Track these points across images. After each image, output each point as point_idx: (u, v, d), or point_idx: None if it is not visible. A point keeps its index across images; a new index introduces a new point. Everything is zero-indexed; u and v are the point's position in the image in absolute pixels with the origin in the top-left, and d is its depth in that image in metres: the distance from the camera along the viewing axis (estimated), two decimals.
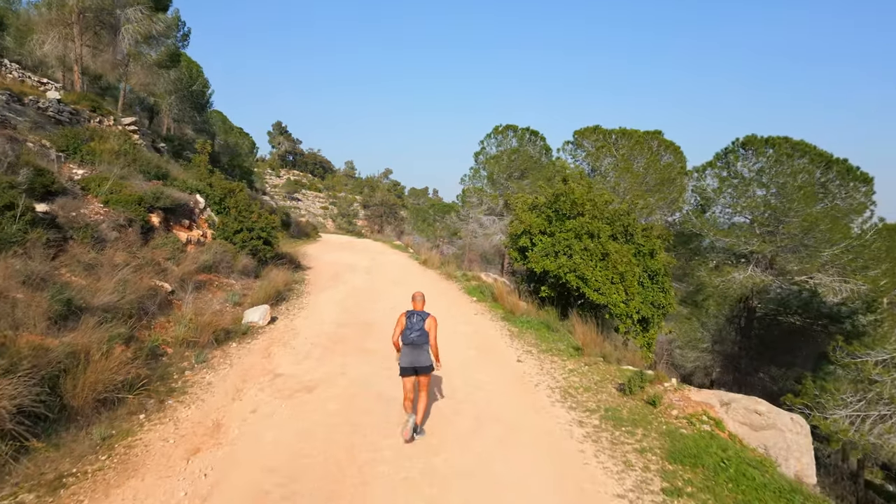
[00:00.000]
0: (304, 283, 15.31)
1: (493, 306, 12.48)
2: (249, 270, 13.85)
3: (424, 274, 18.01)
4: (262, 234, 14.59)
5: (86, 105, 18.57)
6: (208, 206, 14.58)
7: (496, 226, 26.88)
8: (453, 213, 41.79)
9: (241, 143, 52.71)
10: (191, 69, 31.63)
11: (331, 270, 17.71)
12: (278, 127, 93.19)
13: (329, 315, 11.90)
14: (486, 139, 27.43)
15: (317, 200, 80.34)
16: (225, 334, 9.61)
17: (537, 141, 27.02)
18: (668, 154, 21.90)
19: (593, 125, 22.59)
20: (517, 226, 12.54)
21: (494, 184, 27.03)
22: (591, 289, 11.32)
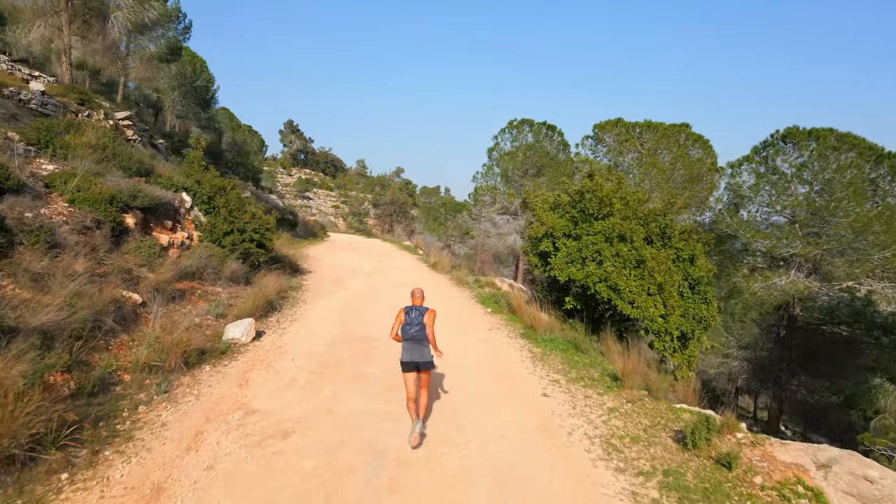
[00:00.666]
0: (301, 290, 13.83)
1: (510, 319, 10.90)
2: (239, 277, 12.39)
3: (433, 279, 16.47)
4: (255, 236, 13.13)
5: (73, 98, 17.22)
6: (196, 206, 13.14)
7: (510, 226, 25.27)
8: (465, 212, 40.26)
9: (250, 141, 51.51)
10: (194, 64, 30.32)
11: (332, 274, 16.22)
12: (290, 125, 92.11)
13: (324, 328, 10.40)
14: (499, 134, 25.82)
15: (328, 199, 79.23)
16: (198, 355, 8.14)
17: (554, 136, 25.36)
18: (697, 148, 20.17)
19: (615, 118, 20.95)
20: (538, 228, 10.93)
21: (509, 181, 25.41)
22: (625, 301, 9.70)
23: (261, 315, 10.76)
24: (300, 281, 14.85)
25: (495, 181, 25.89)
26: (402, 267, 18.64)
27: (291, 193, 74.60)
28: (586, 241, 10.13)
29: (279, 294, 12.41)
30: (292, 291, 13.46)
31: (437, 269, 17.91)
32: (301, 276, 15.53)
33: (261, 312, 10.82)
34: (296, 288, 13.91)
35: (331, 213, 71.33)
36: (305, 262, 18.49)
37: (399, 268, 18.30)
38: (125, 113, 20.27)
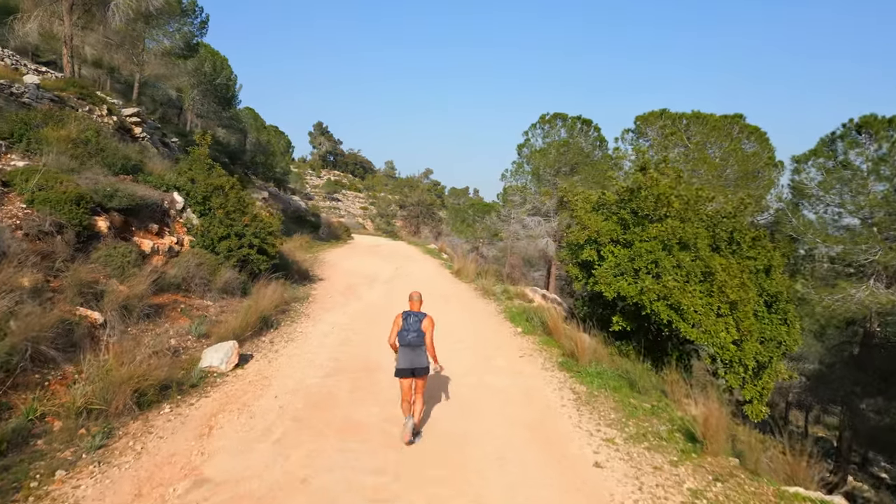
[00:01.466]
0: (306, 301, 12.19)
1: (545, 342, 9.00)
2: (234, 287, 10.79)
3: (456, 288, 14.66)
4: (255, 241, 11.53)
5: (73, 92, 15.93)
6: (189, 207, 11.60)
7: (542, 228, 23.28)
8: (493, 213, 38.36)
9: (276, 141, 50.48)
10: (214, 61, 29.13)
11: (346, 282, 14.55)
12: (319, 127, 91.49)
13: (323, 352, 8.70)
14: (530, 130, 23.87)
15: (356, 201, 78.25)
16: (158, 391, 6.49)
17: (590, 131, 23.28)
18: (752, 142, 17.88)
19: (659, 109, 18.80)
20: (578, 233, 8.95)
21: (540, 180, 23.43)
22: (689, 324, 7.72)
23: (252, 334, 9.12)
24: (308, 291, 13.20)
25: (525, 180, 23.94)
26: (422, 274, 16.87)
27: (320, 195, 73.83)
28: (639, 249, 8.17)
29: (278, 308, 10.77)
30: (296, 303, 11.82)
31: (460, 276, 16.08)
32: (310, 285, 13.89)
33: (252, 331, 9.18)
34: (301, 299, 12.27)
35: (359, 215, 70.25)
36: (319, 267, 16.89)
37: (419, 275, 16.53)
38: (132, 109, 18.98)
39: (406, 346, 5.59)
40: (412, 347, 5.58)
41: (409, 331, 5.59)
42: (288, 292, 12.51)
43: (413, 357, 5.57)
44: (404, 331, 5.62)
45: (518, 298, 12.62)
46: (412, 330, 5.59)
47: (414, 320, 5.65)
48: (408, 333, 5.59)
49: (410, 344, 5.57)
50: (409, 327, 5.61)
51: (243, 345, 8.71)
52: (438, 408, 6.81)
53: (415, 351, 5.59)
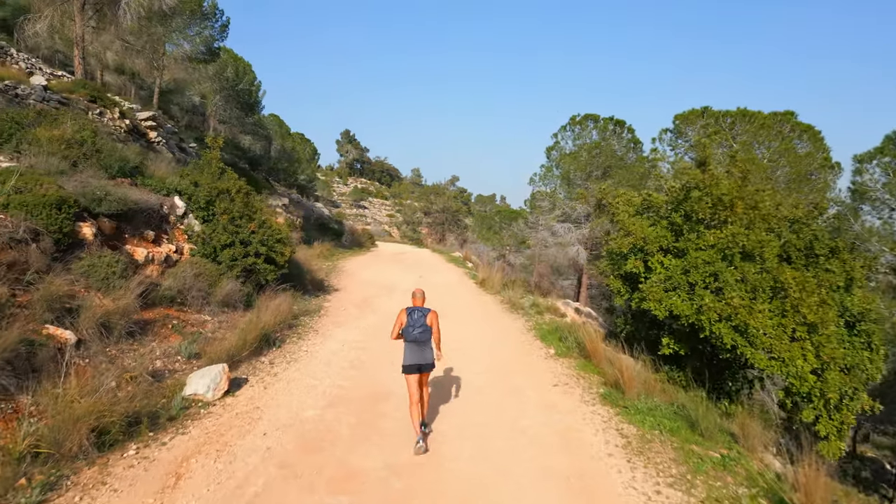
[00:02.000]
0: (317, 315, 11.14)
1: (582, 367, 7.70)
2: (236, 300, 9.79)
3: (480, 300, 13.44)
4: (262, 249, 10.52)
5: (83, 94, 15.30)
6: (191, 212, 10.67)
7: (572, 235, 21.91)
8: (521, 219, 37.08)
9: (301, 149, 50.04)
10: (237, 66, 28.59)
11: (362, 293, 13.47)
12: (346, 135, 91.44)
13: (328, 375, 7.60)
14: (560, 132, 22.58)
15: (383, 208, 77.76)
16: (127, 426, 5.47)
17: (623, 133, 21.88)
18: (806, 142, 16.29)
19: (700, 107, 17.34)
20: (621, 240, 7.60)
21: (570, 185, 22.10)
22: (758, 349, 6.37)
23: (250, 354, 8.07)
24: (320, 303, 12.16)
25: (555, 185, 22.64)
26: (445, 284, 15.69)
27: (347, 203, 73.59)
28: (694, 259, 6.86)
29: (283, 323, 9.73)
30: (306, 317, 10.77)
31: (485, 287, 14.84)
32: (323, 297, 12.84)
33: (250, 350, 8.12)
34: (312, 312, 11.22)
35: (385, 223, 69.63)
36: (336, 277, 15.88)
37: (442, 286, 15.37)
38: (148, 113, 18.35)
39: (412, 342, 5.54)
40: (419, 343, 5.53)
41: (415, 326, 5.52)
42: (298, 305, 11.48)
43: (420, 353, 5.53)
44: (410, 326, 5.54)
45: (549, 313, 11.34)
46: (418, 325, 5.53)
47: (419, 315, 5.60)
48: (413, 329, 5.52)
49: (417, 340, 5.52)
50: (415, 322, 5.55)
51: (238, 367, 7.68)
52: (453, 447, 5.62)
53: (421, 347, 5.54)
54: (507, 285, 14.34)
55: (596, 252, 22.10)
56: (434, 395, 7.00)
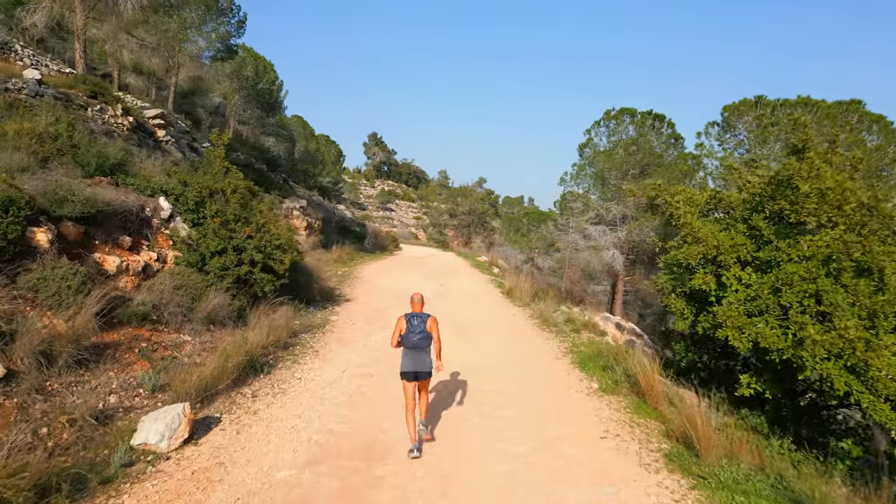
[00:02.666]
0: (321, 330, 9.70)
1: (636, 410, 5.96)
2: (225, 316, 8.40)
3: (507, 313, 11.80)
4: (258, 257, 9.12)
5: (83, 89, 14.23)
6: (178, 215, 9.34)
7: (607, 238, 20.08)
8: (550, 222, 35.27)
9: (326, 150, 49.08)
10: (257, 65, 27.52)
11: (375, 304, 12.00)
12: (374, 138, 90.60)
13: (317, 415, 6.13)
14: (593, 128, 20.80)
15: (409, 211, 76.71)
16: (38, 497, 4.09)
17: (663, 128, 19.98)
18: (875, 134, 14.28)
19: (753, 97, 15.42)
20: (689, 249, 5.82)
21: (605, 185, 20.30)
22: (880, 396, 4.65)
23: (230, 384, 6.64)
24: (326, 316, 10.72)
25: (588, 185, 20.86)
26: (468, 293, 14.09)
27: (374, 205, 72.73)
28: (788, 275, 5.15)
29: (276, 343, 8.30)
30: (307, 334, 9.34)
31: (513, 297, 13.18)
32: (332, 308, 11.41)
33: (231, 380, 6.70)
34: (315, 327, 9.79)
35: (412, 225, 68.52)
36: (350, 285, 14.45)
37: (464, 295, 13.77)
38: (156, 111, 17.24)
39: (412, 348, 5.42)
40: (418, 350, 5.40)
41: (414, 332, 5.40)
42: (300, 319, 10.07)
43: (418, 360, 5.40)
44: (409, 333, 5.42)
45: (586, 330, 9.67)
46: (417, 332, 5.40)
47: (418, 322, 5.45)
48: (413, 335, 5.39)
49: (416, 346, 5.40)
50: (414, 329, 5.41)
51: (213, 401, 6.26)
52: None
53: (420, 354, 5.41)
54: (538, 296, 12.68)
55: (632, 257, 20.22)
56: (451, 445, 5.49)
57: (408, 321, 5.46)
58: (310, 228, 22.00)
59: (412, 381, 5.43)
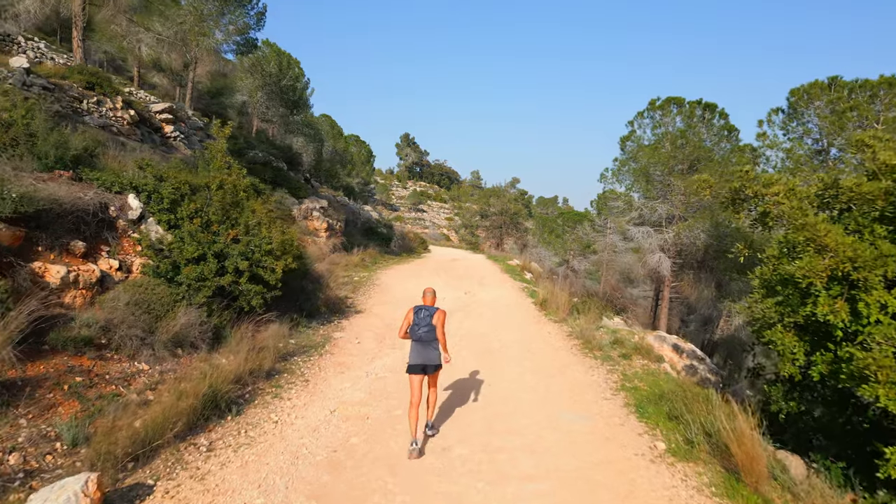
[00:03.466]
0: (320, 351, 8.10)
1: (727, 493, 4.04)
2: (198, 337, 6.87)
3: (539, 331, 9.91)
4: (243, 265, 7.57)
5: (77, 80, 13.10)
6: (150, 215, 7.87)
7: (652, 240, 18.00)
8: (586, 222, 33.17)
9: (357, 151, 47.94)
10: (280, 61, 26.31)
11: (388, 318, 10.35)
12: (406, 138, 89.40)
13: (283, 485, 4.49)
14: (636, 119, 18.75)
15: (441, 211, 75.27)
16: None
17: (714, 119, 17.79)
18: None
19: (827, 78, 13.18)
20: (810, 262, 3.90)
21: (649, 181, 18.23)
22: None
23: (179, 435, 5.06)
24: (329, 332, 9.12)
25: (629, 181, 18.80)
26: (496, 304, 12.28)
27: (406, 206, 71.56)
28: None
29: (257, 371, 6.71)
30: (301, 357, 7.75)
31: (547, 309, 11.31)
32: (337, 322, 9.81)
33: (184, 425, 5.13)
34: (313, 348, 8.19)
35: (443, 226, 67.05)
36: (365, 293, 12.86)
37: (491, 306, 11.98)
38: (164, 105, 16.04)
39: (417, 341, 5.29)
40: (423, 343, 5.28)
41: (420, 325, 5.29)
42: (296, 337, 8.52)
43: (425, 353, 5.27)
44: (415, 325, 5.31)
45: (638, 354, 7.77)
46: (423, 325, 5.28)
47: (425, 314, 5.34)
48: (419, 328, 5.28)
49: (422, 339, 5.27)
50: (420, 322, 5.30)
51: (153, 459, 4.70)
52: None
53: (426, 347, 5.28)
54: (577, 308, 10.80)
55: (680, 261, 18.08)
56: None
57: (415, 313, 5.37)
58: (330, 230, 20.57)
59: (419, 374, 5.27)
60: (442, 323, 5.35)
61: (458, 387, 6.95)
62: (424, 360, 5.24)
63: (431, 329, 5.27)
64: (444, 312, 5.45)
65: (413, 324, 5.33)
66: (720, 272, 17.40)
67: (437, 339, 5.31)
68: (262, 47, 25.91)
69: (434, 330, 5.27)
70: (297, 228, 19.13)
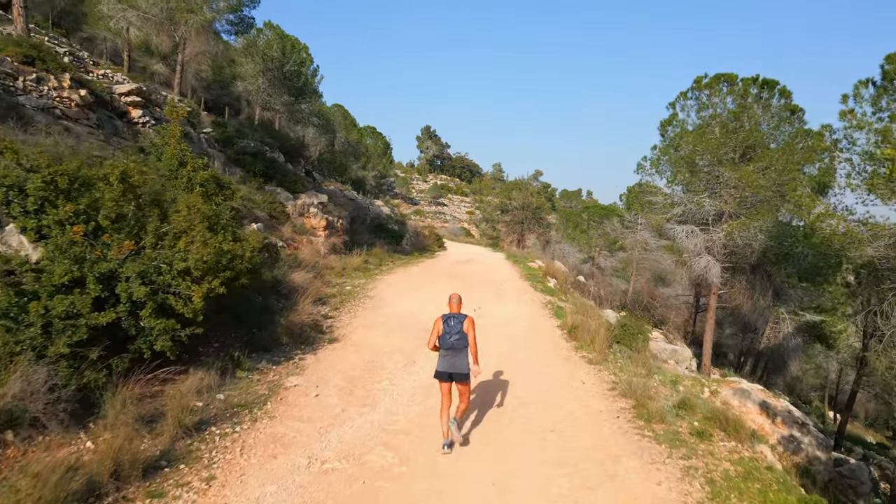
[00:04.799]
0: (255, 413, 5.57)
1: None
2: (45, 411, 4.39)
3: (569, 378, 6.99)
4: (140, 293, 5.09)
5: (14, 53, 10.82)
6: (12, 220, 5.43)
7: (697, 240, 15.06)
8: (615, 217, 30.21)
9: (374, 143, 45.50)
10: (283, 44, 23.86)
11: (374, 349, 7.80)
12: (427, 131, 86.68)
13: None
14: (679, 100, 15.77)
15: (462, 205, 72.68)
16: None
17: (773, 98, 14.75)
18: None
19: None
20: None
21: (694, 173, 15.28)
22: None
23: None
24: (281, 377, 6.56)
25: (669, 172, 15.85)
26: (511, 329, 9.50)
27: (426, 200, 69.16)
28: None
29: (133, 464, 4.20)
30: (221, 426, 5.24)
31: (579, 339, 8.42)
32: (298, 359, 7.26)
33: None
34: (244, 409, 5.65)
35: (464, 220, 64.53)
36: (354, 308, 10.34)
37: (506, 332, 9.23)
38: (131, 86, 13.66)
39: (449, 349, 5.15)
40: (455, 351, 5.15)
41: (451, 333, 5.16)
42: (228, 389, 5.99)
43: (454, 361, 5.14)
44: (446, 334, 5.17)
45: (721, 430, 5.01)
46: (454, 332, 5.16)
47: (455, 322, 5.21)
48: (450, 336, 5.15)
49: (454, 347, 5.14)
50: (451, 330, 5.18)
51: None
52: None
53: (456, 355, 5.15)
54: (617, 337, 8.04)
55: (730, 265, 15.15)
56: None
57: (445, 322, 5.21)
58: (330, 228, 18.11)
59: (447, 381, 5.18)
60: (473, 330, 5.24)
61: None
62: (451, 368, 5.11)
63: (463, 336, 5.14)
64: (473, 319, 5.33)
65: (444, 332, 5.17)
66: (782, 278, 14.43)
67: (467, 347, 5.17)
68: (265, 30, 23.56)
69: (466, 337, 5.16)
70: (292, 226, 16.73)
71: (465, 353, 5.16)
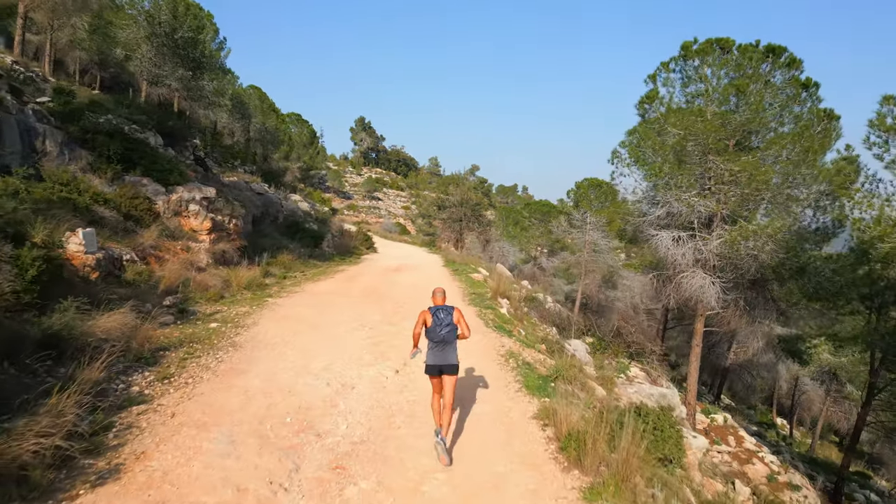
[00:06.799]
0: None
1: None
2: None
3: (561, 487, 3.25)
4: None
5: None
6: None
7: (685, 249, 11.54)
8: (562, 216, 26.81)
9: (298, 131, 40.13)
10: (175, 6, 18.53)
11: (199, 490, 3.46)
12: (361, 122, 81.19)
13: None
14: (660, 71, 12.21)
15: (398, 200, 68.29)
16: None
17: (777, 71, 11.43)
18: None
19: None
20: None
21: (682, 162, 11.75)
22: None
23: None
24: None
25: (651, 160, 12.25)
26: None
27: (360, 194, 64.26)
28: None
29: None
30: None
31: (583, 469, 4.44)
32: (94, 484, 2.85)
33: None
34: None
35: (400, 215, 60.22)
36: (195, 378, 5.87)
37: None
38: None
39: (439, 341, 4.95)
40: (445, 343, 4.94)
41: (442, 325, 4.93)
42: None
43: (444, 354, 4.94)
44: (436, 326, 4.93)
45: None
46: (444, 324, 4.93)
47: (445, 315, 4.98)
48: (440, 328, 4.92)
49: (444, 339, 4.93)
50: (441, 322, 4.94)
51: None
52: None
53: (446, 348, 4.95)
54: (651, 451, 4.19)
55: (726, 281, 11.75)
56: None
57: (433, 315, 4.97)
58: (218, 230, 13.35)
59: (437, 375, 4.99)
60: (464, 320, 5.06)
61: None
62: (442, 362, 4.90)
63: (454, 329, 4.94)
64: (461, 311, 5.18)
65: (433, 325, 4.91)
66: (795, 298, 11.11)
67: (456, 340, 4.97)
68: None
69: (455, 329, 4.95)
70: (160, 230, 11.89)
71: (454, 346, 4.94)
